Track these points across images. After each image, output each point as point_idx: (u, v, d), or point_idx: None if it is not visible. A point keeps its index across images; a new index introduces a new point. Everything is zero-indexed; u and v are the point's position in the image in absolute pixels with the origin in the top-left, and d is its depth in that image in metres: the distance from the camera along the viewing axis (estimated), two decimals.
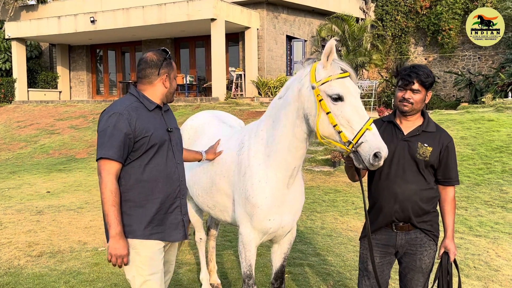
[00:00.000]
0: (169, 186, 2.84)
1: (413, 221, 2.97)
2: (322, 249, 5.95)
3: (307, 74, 2.89)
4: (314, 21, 21.86)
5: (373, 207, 3.10)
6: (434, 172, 3.03)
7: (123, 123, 2.67)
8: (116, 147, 2.65)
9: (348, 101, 2.74)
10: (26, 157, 14.36)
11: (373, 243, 3.08)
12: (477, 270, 5.16)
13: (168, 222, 2.86)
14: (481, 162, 9.64)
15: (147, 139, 2.72)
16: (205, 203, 3.82)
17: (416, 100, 2.94)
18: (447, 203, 3.06)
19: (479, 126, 11.55)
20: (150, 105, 2.83)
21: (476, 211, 7.48)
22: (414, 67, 2.96)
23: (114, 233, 2.64)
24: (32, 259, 5.65)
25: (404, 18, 22.86)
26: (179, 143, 2.99)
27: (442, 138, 3.01)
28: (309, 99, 2.84)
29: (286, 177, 3.12)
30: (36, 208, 8.32)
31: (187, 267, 5.41)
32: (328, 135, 2.78)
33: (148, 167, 2.76)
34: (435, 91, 22.34)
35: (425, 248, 3.02)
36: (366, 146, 2.65)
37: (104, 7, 21.42)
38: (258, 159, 3.17)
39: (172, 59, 2.93)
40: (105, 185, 2.64)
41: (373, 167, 2.69)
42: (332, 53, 2.75)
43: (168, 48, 21.30)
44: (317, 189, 9.22)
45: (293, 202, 3.24)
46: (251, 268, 3.31)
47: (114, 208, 2.63)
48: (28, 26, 21.37)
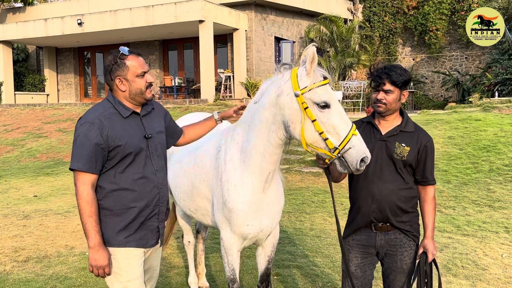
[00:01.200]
0: (147, 194, 2.75)
1: (391, 221, 2.97)
2: (311, 250, 5.94)
3: (287, 81, 2.84)
4: (303, 22, 21.90)
5: (353, 207, 3.11)
6: (413, 172, 3.03)
7: (93, 132, 2.59)
8: (85, 158, 2.58)
9: (333, 108, 2.73)
10: (13, 161, 14.22)
11: (353, 244, 3.09)
12: (464, 269, 5.19)
13: (145, 229, 2.79)
14: (469, 162, 9.70)
15: (121, 148, 2.63)
16: (187, 206, 3.79)
17: (389, 100, 2.94)
18: (427, 203, 3.07)
19: (466, 126, 11.63)
20: (125, 111, 2.72)
21: (464, 210, 7.53)
22: (386, 67, 2.96)
23: (93, 244, 2.59)
24: (19, 265, 5.58)
25: (391, 19, 23.00)
26: (159, 148, 2.86)
27: (421, 138, 3.01)
28: (290, 106, 2.79)
29: (261, 182, 3.10)
30: (23, 212, 8.23)
31: (175, 270, 5.38)
32: (313, 142, 2.75)
33: (123, 175, 2.68)
34: (423, 91, 22.50)
35: (405, 248, 3.03)
36: (353, 151, 2.65)
37: (92, 9, 21.30)
38: (234, 164, 3.15)
39: (127, 57, 2.69)
40: (80, 196, 2.59)
41: (358, 172, 2.70)
42: (315, 59, 2.72)
43: (156, 50, 21.35)
44: (306, 190, 9.22)
45: (271, 206, 3.22)
46: (235, 272, 3.29)
47: (91, 219, 2.59)
48: (15, 28, 21.17)
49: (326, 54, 20.92)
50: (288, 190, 9.38)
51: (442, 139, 11.14)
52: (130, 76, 2.69)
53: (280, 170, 3.45)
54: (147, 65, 2.80)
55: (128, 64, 2.69)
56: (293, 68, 2.87)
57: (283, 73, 2.91)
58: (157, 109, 2.97)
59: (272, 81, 2.98)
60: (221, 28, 18.28)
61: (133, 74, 2.70)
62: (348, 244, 3.09)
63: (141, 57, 2.78)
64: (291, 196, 8.91)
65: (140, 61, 2.74)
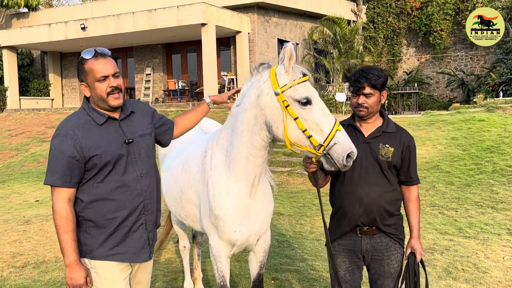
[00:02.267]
0: (129, 203, 2.59)
1: (378, 224, 2.92)
2: (310, 254, 5.89)
3: (266, 80, 2.80)
4: (306, 24, 21.85)
5: (337, 212, 3.04)
6: (397, 173, 2.99)
7: (66, 145, 2.46)
8: (59, 172, 2.46)
9: (315, 104, 2.68)
10: (17, 166, 14.26)
11: (339, 249, 3.03)
12: (465, 273, 5.11)
13: (133, 242, 2.63)
14: (472, 163, 9.61)
15: (97, 157, 2.49)
16: (178, 212, 3.75)
17: (370, 104, 2.89)
18: (411, 203, 3.02)
19: (470, 127, 11.53)
20: (99, 118, 2.57)
21: (466, 212, 7.44)
22: (363, 70, 2.91)
23: (69, 262, 2.46)
24: (16, 270, 5.57)
25: (395, 19, 22.91)
26: (143, 153, 2.67)
27: (403, 138, 2.97)
28: (271, 105, 2.75)
29: (247, 187, 3.03)
30: (24, 217, 8.23)
31: (172, 276, 5.34)
32: (297, 141, 2.69)
33: (102, 185, 2.54)
34: (428, 91, 22.39)
35: (391, 252, 2.97)
36: (338, 147, 2.60)
37: (95, 14, 21.38)
38: (219, 169, 3.09)
39: (86, 61, 2.52)
40: (56, 211, 2.46)
41: (345, 168, 2.65)
42: (293, 56, 2.69)
43: (159, 53, 21.39)
44: (307, 193, 9.16)
45: (259, 211, 3.16)
46: (225, 279, 3.24)
47: (66, 236, 2.45)
48: (19, 34, 21.29)
49: (330, 56, 20.87)
50: (289, 192, 9.34)
51: (445, 140, 11.05)
52: (90, 81, 2.54)
53: (271, 174, 3.40)
54: (115, 66, 2.57)
55: (86, 68, 2.53)
56: (271, 67, 2.83)
57: (261, 73, 2.87)
58: (141, 110, 2.77)
59: (251, 83, 2.93)
60: (224, 31, 18.28)
61: (93, 78, 2.53)
62: (334, 249, 3.04)
63: (108, 57, 2.57)
64: (292, 199, 8.86)
65: (104, 64, 2.53)
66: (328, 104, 17.71)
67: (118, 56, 23.15)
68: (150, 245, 2.73)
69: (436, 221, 7.05)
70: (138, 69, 21.96)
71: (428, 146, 10.84)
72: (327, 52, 21.18)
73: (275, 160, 11.61)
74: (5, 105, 21.86)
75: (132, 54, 22.39)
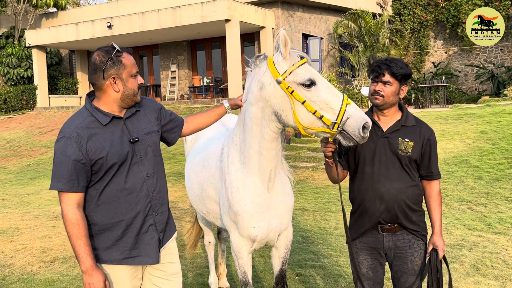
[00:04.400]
0: (135, 205, 2.51)
1: (400, 221, 2.86)
2: (335, 250, 5.84)
3: (265, 71, 2.78)
4: (330, 18, 21.66)
5: (358, 209, 2.98)
6: (417, 167, 2.92)
7: (71, 148, 2.36)
8: (65, 177, 2.37)
9: (320, 84, 2.66)
10: (47, 163, 14.57)
11: (361, 246, 2.98)
12: (494, 269, 5.00)
13: (144, 244, 2.56)
14: (502, 157, 9.37)
15: (103, 160, 2.40)
16: (200, 209, 3.77)
17: (387, 93, 2.82)
18: (433, 198, 2.95)
19: (500, 120, 11.25)
20: (104, 118, 2.46)
21: (496, 207, 7.26)
22: (387, 59, 2.86)
23: (85, 268, 2.39)
24: (45, 265, 5.70)
25: (422, 11, 22.49)
26: (150, 151, 2.58)
27: (423, 131, 2.89)
28: (276, 95, 2.72)
29: (264, 182, 3.02)
30: (53, 213, 8.42)
31: (197, 271, 5.38)
32: (309, 124, 2.66)
33: (108, 187, 2.46)
34: (457, 85, 21.93)
35: (414, 249, 2.91)
36: (352, 121, 2.57)
37: (121, 12, 21.64)
38: (235, 166, 3.08)
39: (122, 54, 2.46)
40: (66, 218, 2.39)
41: (363, 140, 2.60)
42: (288, 42, 2.66)
43: (184, 50, 21.51)
44: (332, 189, 9.09)
45: (277, 206, 3.13)
46: (246, 275, 3.24)
47: (80, 241, 2.37)
48: (48, 33, 21.71)
49: (355, 50, 20.64)
50: (314, 188, 9.29)
51: (474, 134, 10.82)
52: (125, 75, 2.46)
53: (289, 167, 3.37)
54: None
55: (124, 62, 2.46)
56: (267, 58, 2.81)
57: (259, 65, 2.85)
58: (147, 106, 2.69)
59: (252, 77, 2.92)
60: (248, 27, 18.27)
61: (128, 73, 2.47)
62: (355, 247, 2.99)
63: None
64: (317, 194, 8.81)
65: (133, 60, 2.52)
66: (354, 98, 17.52)
67: (144, 54, 23.41)
68: (159, 247, 2.64)
69: (464, 217, 6.91)
70: (164, 66, 22.15)
71: (456, 140, 10.63)
72: (352, 46, 20.95)
73: (300, 156, 11.57)
74: (35, 104, 22.36)
75: (157, 52, 22.59)
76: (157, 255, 2.62)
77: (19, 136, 18.19)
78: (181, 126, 2.89)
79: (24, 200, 9.89)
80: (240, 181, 3.05)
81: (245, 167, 3.02)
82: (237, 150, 3.08)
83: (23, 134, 18.40)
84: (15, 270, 5.54)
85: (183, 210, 8.31)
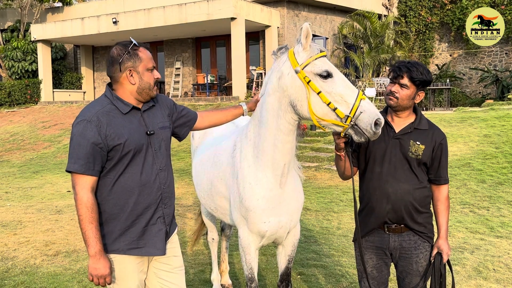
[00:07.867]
0: (147, 196, 2.55)
1: (406, 221, 2.88)
2: (337, 250, 5.86)
3: (285, 61, 2.84)
4: (336, 18, 21.65)
5: (365, 208, 3.00)
6: (427, 171, 2.93)
7: (90, 131, 2.39)
8: (82, 159, 2.39)
9: (336, 77, 2.71)
10: (50, 157, 14.62)
11: (367, 245, 3.00)
12: (496, 273, 5.01)
13: (152, 235, 2.60)
14: (505, 161, 9.37)
15: (120, 146, 2.43)
16: (208, 205, 3.78)
17: (402, 96, 2.83)
18: (441, 202, 2.96)
19: (503, 124, 11.24)
20: (124, 107, 2.52)
21: (498, 211, 7.27)
22: (410, 62, 2.87)
23: (93, 253, 2.40)
24: (48, 258, 5.72)
25: (428, 13, 22.44)
26: (163, 145, 2.64)
27: (435, 136, 2.90)
28: (293, 84, 2.78)
29: (277, 176, 3.03)
30: (56, 207, 8.45)
31: (199, 268, 5.40)
32: (322, 115, 2.70)
33: (122, 176, 2.49)
34: (461, 88, 21.89)
35: (420, 250, 2.92)
36: (365, 116, 2.61)
37: (126, 8, 21.65)
38: (248, 161, 3.10)
39: (139, 48, 2.54)
40: (80, 201, 2.40)
41: (375, 136, 2.64)
42: (309, 34, 2.73)
43: (189, 47, 21.53)
44: (335, 189, 9.11)
45: (288, 202, 3.15)
46: (253, 271, 3.25)
47: (91, 225, 2.39)
48: (53, 28, 21.76)
49: (360, 51, 20.63)
50: (316, 188, 9.30)
51: (477, 137, 10.81)
52: (142, 68, 2.53)
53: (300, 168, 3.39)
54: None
55: (140, 55, 2.53)
56: (289, 49, 2.87)
57: (280, 57, 2.91)
58: (161, 102, 2.75)
59: (272, 69, 2.98)
60: (253, 25, 18.28)
61: (144, 66, 2.54)
62: (362, 246, 3.01)
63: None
64: (320, 194, 8.82)
65: (150, 55, 2.59)
66: None
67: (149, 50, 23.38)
68: (166, 239, 2.69)
69: (466, 220, 6.92)
70: (168, 63, 22.17)
71: (460, 143, 10.62)
72: (357, 47, 20.94)
73: (303, 155, 11.58)
74: (39, 98, 22.42)
75: (162, 48, 22.62)
76: (164, 247, 2.66)
77: (22, 130, 18.24)
78: (193, 120, 2.92)
79: (27, 193, 9.93)
80: (253, 175, 3.06)
81: (258, 161, 3.04)
82: (250, 145, 3.10)
83: (26, 128, 18.45)
84: (18, 263, 5.57)
85: (185, 206, 8.33)
